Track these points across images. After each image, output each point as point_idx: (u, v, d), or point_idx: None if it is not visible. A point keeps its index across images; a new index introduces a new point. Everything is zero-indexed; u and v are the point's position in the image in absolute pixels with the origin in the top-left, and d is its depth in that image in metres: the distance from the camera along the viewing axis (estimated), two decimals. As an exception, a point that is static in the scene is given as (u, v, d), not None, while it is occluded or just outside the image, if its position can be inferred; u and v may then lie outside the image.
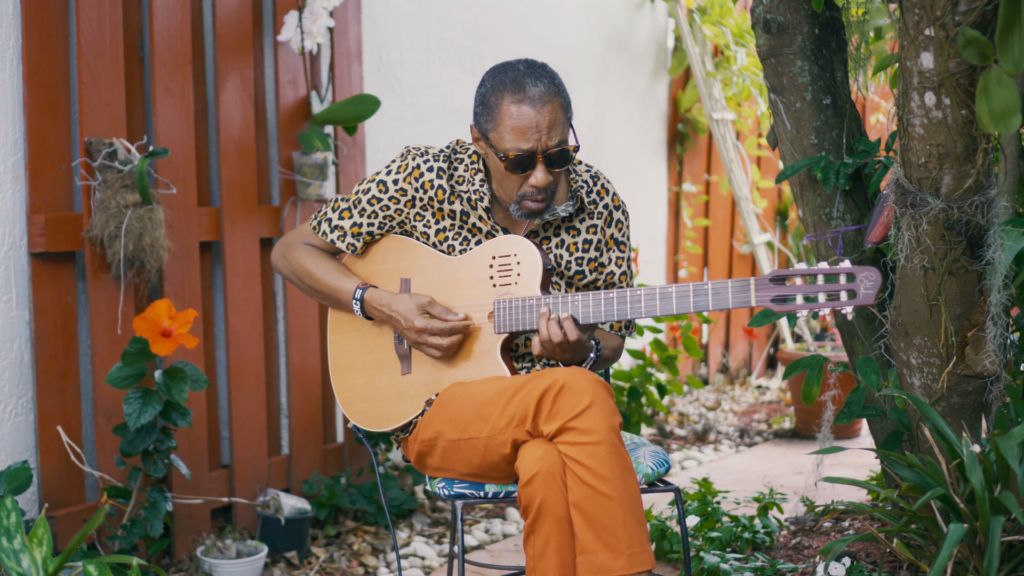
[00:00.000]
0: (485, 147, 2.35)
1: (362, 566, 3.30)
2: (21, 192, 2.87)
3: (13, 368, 2.87)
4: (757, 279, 2.15)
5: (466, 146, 2.47)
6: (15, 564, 2.26)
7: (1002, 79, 2.06)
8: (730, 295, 2.17)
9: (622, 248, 2.51)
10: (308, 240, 2.54)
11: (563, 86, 2.32)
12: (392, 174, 2.44)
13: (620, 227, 2.50)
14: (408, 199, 2.43)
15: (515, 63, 2.32)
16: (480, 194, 2.40)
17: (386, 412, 2.48)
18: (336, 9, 3.62)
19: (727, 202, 6.09)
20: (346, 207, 2.48)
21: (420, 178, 2.42)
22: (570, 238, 2.46)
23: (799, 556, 2.98)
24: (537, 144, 2.27)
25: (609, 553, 2.10)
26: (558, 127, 2.28)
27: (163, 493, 2.88)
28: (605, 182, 2.51)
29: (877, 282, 2.09)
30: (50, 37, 2.91)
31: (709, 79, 5.47)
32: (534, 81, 2.27)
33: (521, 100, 2.26)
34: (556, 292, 2.38)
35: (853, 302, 2.11)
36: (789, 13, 2.83)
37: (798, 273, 2.14)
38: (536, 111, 2.26)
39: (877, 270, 2.10)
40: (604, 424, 2.14)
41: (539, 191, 2.32)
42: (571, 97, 2.35)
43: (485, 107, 2.31)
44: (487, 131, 2.32)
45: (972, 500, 2.30)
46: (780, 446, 4.76)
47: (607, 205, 2.48)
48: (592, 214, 2.47)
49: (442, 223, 2.43)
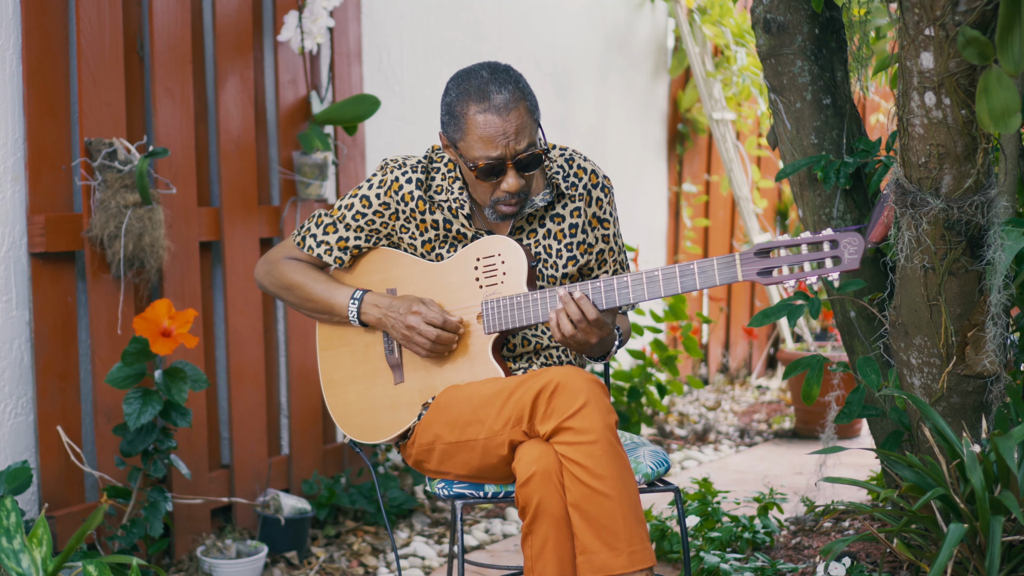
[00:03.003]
0: (455, 155, 2.34)
1: (362, 566, 3.30)
2: (21, 192, 2.87)
3: (13, 368, 2.87)
4: (742, 253, 2.14)
5: (441, 153, 2.46)
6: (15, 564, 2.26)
7: (1002, 79, 2.06)
8: (716, 272, 2.16)
9: (605, 225, 2.49)
10: (292, 255, 2.53)
11: (528, 88, 2.30)
12: (374, 188, 2.43)
13: (600, 204, 2.48)
14: (392, 212, 2.43)
15: (478, 69, 2.30)
16: (460, 202, 2.40)
17: (382, 423, 2.47)
18: (336, 9, 3.62)
19: (727, 202, 6.09)
20: (330, 222, 2.47)
21: (400, 191, 2.41)
22: (555, 226, 2.45)
23: (799, 556, 2.98)
24: (506, 150, 2.26)
25: (609, 552, 2.10)
26: (525, 131, 2.27)
27: (163, 493, 2.88)
28: (581, 162, 2.48)
29: (860, 246, 2.09)
30: (50, 37, 2.91)
31: (709, 79, 5.47)
32: (498, 88, 2.25)
33: (487, 109, 2.25)
34: (544, 288, 2.38)
35: (839, 268, 2.11)
36: (789, 13, 2.83)
37: (782, 244, 2.14)
38: (502, 119, 2.25)
39: (860, 235, 2.10)
40: (600, 423, 2.14)
41: (512, 195, 2.32)
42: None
43: (451, 116, 2.30)
44: (455, 140, 2.31)
45: (972, 500, 2.30)
46: (780, 446, 4.76)
47: (585, 185, 2.46)
48: (573, 197, 2.46)
49: (427, 234, 2.43)
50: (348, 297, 2.44)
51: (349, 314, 2.45)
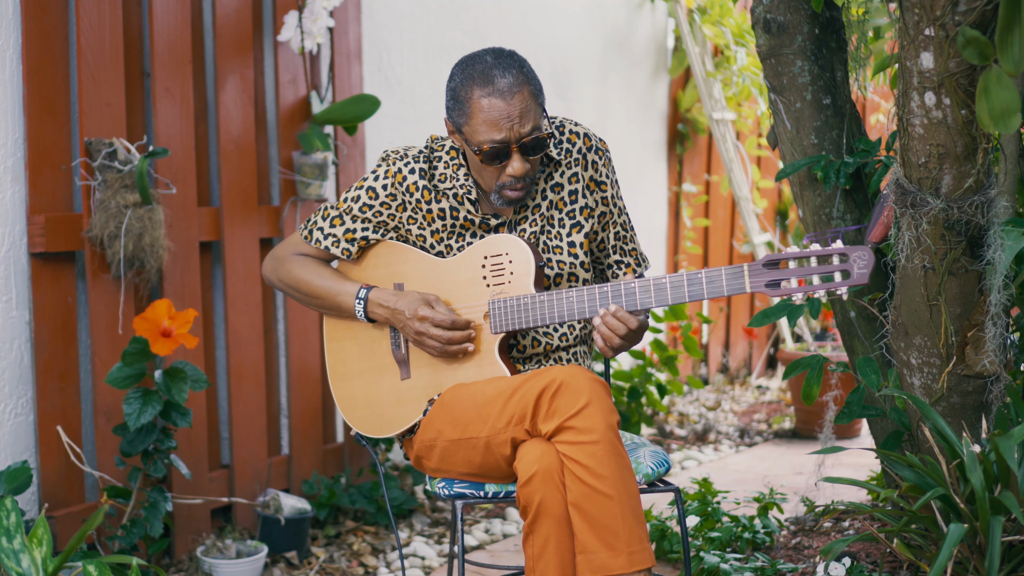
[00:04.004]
0: (460, 140, 2.35)
1: (362, 566, 3.30)
2: (21, 192, 2.87)
3: (13, 368, 2.87)
4: (750, 265, 2.14)
5: (441, 142, 2.46)
6: (15, 564, 2.26)
7: (1002, 79, 2.06)
8: (724, 282, 2.17)
9: (603, 187, 2.49)
10: (299, 250, 2.53)
11: (532, 72, 2.31)
12: (380, 179, 2.43)
13: (596, 167, 2.48)
14: (398, 203, 2.43)
15: (482, 54, 2.31)
16: (466, 188, 2.41)
17: (388, 418, 2.48)
18: (336, 9, 3.62)
19: (727, 202, 6.09)
20: (336, 215, 2.47)
21: (404, 182, 2.41)
22: (556, 196, 2.45)
23: (799, 556, 2.98)
24: (510, 134, 2.27)
25: (609, 552, 2.11)
26: (530, 114, 2.28)
27: (163, 493, 2.88)
28: (572, 127, 2.48)
29: (870, 261, 2.09)
30: (50, 37, 2.91)
31: (709, 79, 5.47)
32: (502, 72, 2.27)
33: (491, 93, 2.26)
34: (551, 291, 2.38)
35: (847, 282, 2.10)
36: (789, 13, 2.83)
37: (791, 256, 2.13)
38: (506, 102, 2.26)
39: (869, 249, 2.10)
40: (602, 423, 2.14)
41: (517, 179, 2.33)
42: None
43: (456, 101, 2.31)
44: (460, 125, 2.32)
45: (972, 500, 2.30)
46: (780, 446, 4.76)
47: (580, 150, 2.46)
48: (569, 164, 2.46)
49: (434, 224, 2.43)
50: (353, 296, 2.45)
51: (356, 314, 2.45)
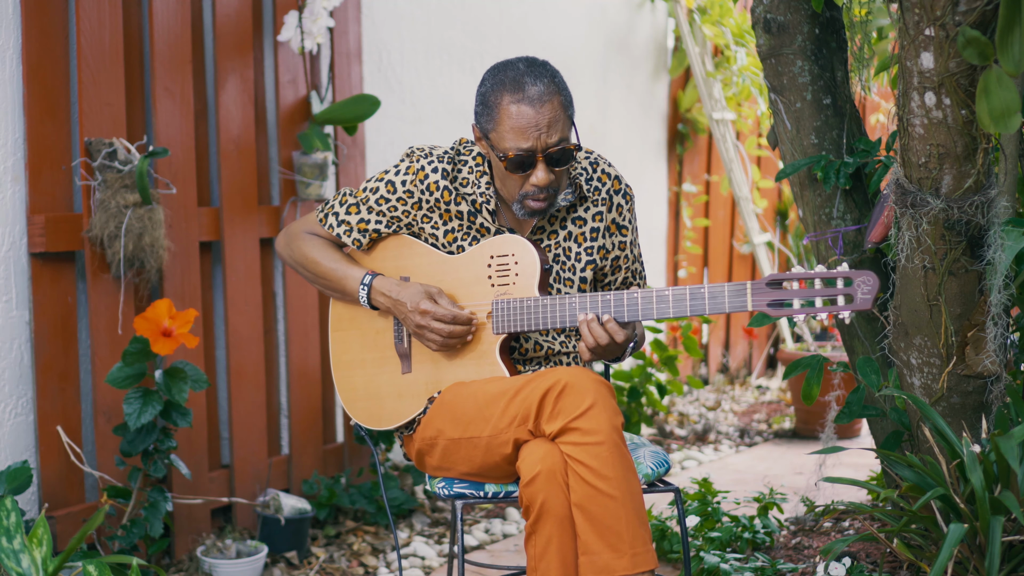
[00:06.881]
0: (486, 147, 2.35)
1: (362, 566, 3.30)
2: (21, 192, 2.87)
3: (13, 368, 2.87)
4: (754, 283, 2.14)
5: (469, 147, 2.46)
6: (15, 564, 2.26)
7: (1002, 79, 2.06)
8: (727, 299, 2.17)
9: (624, 232, 2.50)
10: (313, 230, 2.55)
11: (564, 83, 2.31)
12: (400, 175, 2.43)
13: (620, 211, 2.49)
14: (415, 201, 2.43)
15: (515, 62, 2.31)
16: (486, 196, 2.40)
17: (387, 411, 2.48)
18: (336, 9, 3.62)
19: (727, 202, 6.09)
20: (353, 203, 2.48)
21: (425, 180, 2.41)
22: (577, 229, 2.45)
23: (799, 556, 2.98)
24: (537, 143, 2.26)
25: (612, 553, 2.11)
26: (558, 125, 2.27)
27: (163, 493, 2.88)
28: (606, 167, 2.49)
29: (875, 286, 2.08)
30: (50, 37, 2.91)
31: (709, 79, 5.47)
32: (533, 80, 2.27)
33: (520, 100, 2.25)
34: (555, 293, 2.38)
35: (850, 307, 2.10)
36: (789, 13, 2.83)
37: (795, 277, 2.13)
38: (535, 110, 2.25)
39: (874, 274, 2.10)
40: (607, 424, 2.14)
41: (541, 190, 2.31)
42: (571, 97, 2.35)
43: (485, 107, 2.31)
44: (488, 131, 2.31)
45: (972, 500, 2.30)
46: (780, 446, 4.76)
47: (608, 190, 2.47)
48: (596, 201, 2.46)
49: (450, 224, 2.43)
50: (358, 282, 2.45)
51: (360, 299, 2.46)
